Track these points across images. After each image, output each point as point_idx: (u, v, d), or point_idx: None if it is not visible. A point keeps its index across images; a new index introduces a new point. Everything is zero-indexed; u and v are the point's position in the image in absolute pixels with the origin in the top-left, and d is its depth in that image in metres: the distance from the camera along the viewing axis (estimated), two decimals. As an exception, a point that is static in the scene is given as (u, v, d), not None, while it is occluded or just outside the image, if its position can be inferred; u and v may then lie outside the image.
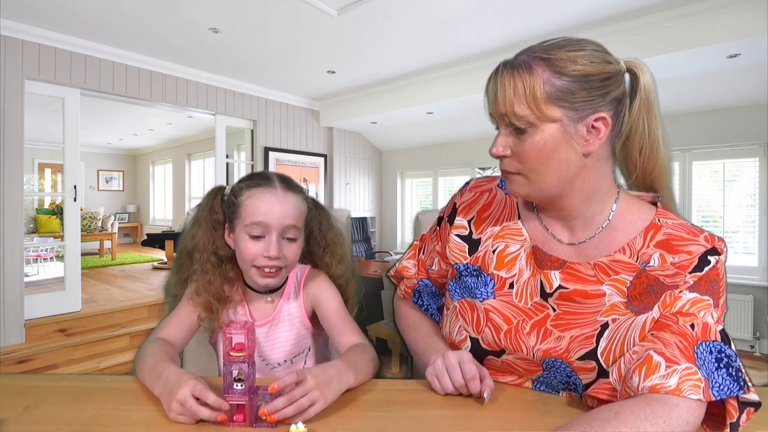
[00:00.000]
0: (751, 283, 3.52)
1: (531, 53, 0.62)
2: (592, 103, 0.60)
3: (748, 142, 3.56)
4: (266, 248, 0.81)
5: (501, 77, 0.62)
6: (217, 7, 2.81)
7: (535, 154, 0.62)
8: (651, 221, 0.66)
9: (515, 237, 0.74)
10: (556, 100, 0.59)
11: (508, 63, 0.63)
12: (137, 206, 9.30)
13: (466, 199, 0.82)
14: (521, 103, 0.60)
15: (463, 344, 0.74)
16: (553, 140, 0.61)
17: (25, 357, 2.95)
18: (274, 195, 0.83)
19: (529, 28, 3.11)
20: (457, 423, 0.61)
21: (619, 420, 0.51)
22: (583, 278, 0.66)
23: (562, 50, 0.60)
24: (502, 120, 0.64)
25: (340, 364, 0.70)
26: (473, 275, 0.75)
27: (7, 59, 3.01)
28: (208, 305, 0.86)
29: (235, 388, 0.61)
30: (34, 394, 0.68)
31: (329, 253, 0.96)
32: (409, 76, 4.25)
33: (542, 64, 0.60)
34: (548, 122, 0.60)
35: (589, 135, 0.61)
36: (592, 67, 0.60)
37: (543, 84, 0.59)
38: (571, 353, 0.65)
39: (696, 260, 0.60)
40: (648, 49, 2.89)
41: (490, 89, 0.65)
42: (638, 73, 0.64)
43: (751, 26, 2.55)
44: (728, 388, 0.53)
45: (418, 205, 6.13)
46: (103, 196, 8.88)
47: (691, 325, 0.57)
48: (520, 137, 0.62)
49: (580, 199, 0.66)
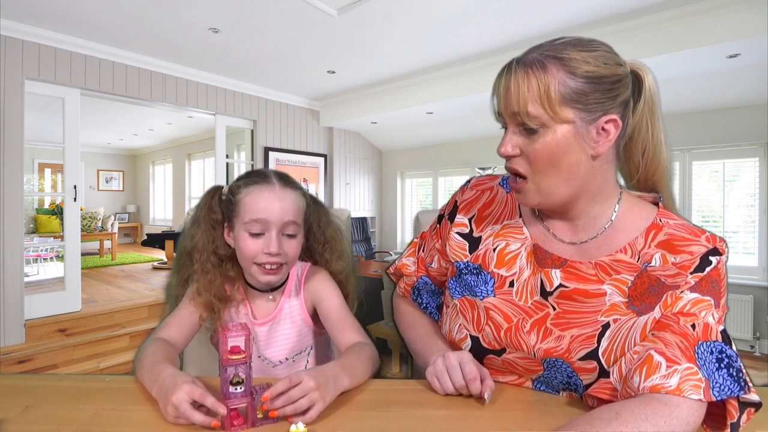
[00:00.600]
0: (751, 283, 3.52)
1: (543, 51, 0.61)
2: (604, 105, 0.60)
3: (748, 142, 3.56)
4: (266, 245, 0.81)
5: (514, 75, 0.61)
6: (217, 7, 2.81)
7: (546, 154, 0.61)
8: (653, 221, 0.66)
9: (516, 235, 0.74)
10: (570, 101, 0.59)
11: (520, 61, 0.61)
12: (137, 206, 9.30)
13: (467, 197, 0.82)
14: (535, 102, 0.59)
15: (464, 343, 0.74)
16: (565, 141, 0.60)
17: (25, 357, 2.95)
18: (272, 191, 0.83)
19: (529, 28, 3.11)
20: (457, 423, 0.61)
21: (620, 420, 0.51)
22: (584, 277, 0.66)
23: (575, 50, 0.60)
24: (513, 119, 0.63)
25: (335, 367, 0.70)
26: (473, 273, 0.75)
27: (7, 59, 3.01)
28: (209, 305, 0.86)
29: (234, 392, 0.60)
30: (34, 394, 0.68)
31: (328, 249, 0.96)
32: (409, 76, 4.25)
33: (556, 64, 0.59)
34: (561, 123, 0.60)
35: (598, 137, 0.61)
36: (605, 69, 0.60)
37: (557, 84, 0.58)
38: (572, 353, 0.64)
39: (697, 260, 0.60)
40: (648, 49, 2.89)
41: (501, 87, 0.63)
42: (642, 75, 0.64)
43: (751, 26, 2.55)
44: (729, 389, 0.53)
45: (418, 205, 6.13)
46: (103, 196, 8.88)
47: (692, 326, 0.57)
48: (531, 137, 0.61)
49: (585, 201, 0.66)
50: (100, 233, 7.05)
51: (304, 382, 0.61)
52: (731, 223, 3.69)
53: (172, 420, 0.59)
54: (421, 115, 4.81)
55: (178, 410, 0.58)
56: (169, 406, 0.59)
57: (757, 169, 3.56)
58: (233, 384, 0.60)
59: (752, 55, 2.84)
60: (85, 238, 5.77)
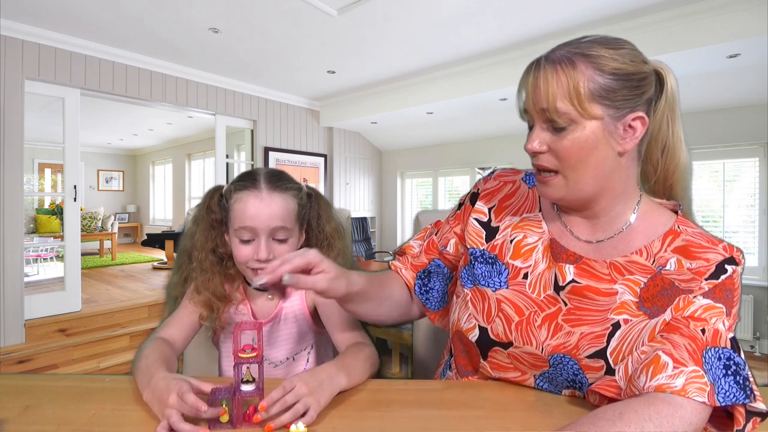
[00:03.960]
0: (751, 283, 3.53)
1: (571, 49, 0.61)
2: (631, 102, 0.61)
3: (748, 142, 3.56)
4: (255, 251, 0.81)
5: (543, 71, 0.61)
6: (217, 7, 2.81)
7: (576, 151, 0.61)
8: (671, 227, 0.66)
9: (534, 228, 0.74)
10: (598, 97, 0.59)
11: (549, 58, 0.62)
12: (137, 206, 9.30)
13: (489, 186, 0.82)
14: (564, 98, 0.60)
15: (471, 333, 0.73)
16: (594, 137, 0.61)
17: (25, 357, 2.95)
18: (258, 198, 0.82)
19: (529, 28, 3.11)
20: (457, 423, 0.61)
21: (624, 420, 0.51)
22: (596, 275, 0.66)
23: (602, 48, 0.60)
24: (541, 115, 0.63)
25: (331, 367, 0.70)
26: (488, 263, 0.75)
27: (7, 59, 3.01)
28: (208, 303, 0.86)
29: (244, 390, 0.60)
30: (34, 394, 0.68)
31: (327, 247, 0.95)
32: (409, 76, 4.25)
33: (584, 61, 0.60)
34: (590, 119, 0.60)
35: (625, 133, 0.62)
36: (633, 66, 0.60)
37: (587, 81, 0.59)
38: (581, 350, 0.64)
39: (713, 267, 0.61)
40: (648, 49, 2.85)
41: (529, 83, 0.63)
42: (664, 74, 0.65)
43: (751, 26, 2.55)
44: (734, 396, 0.53)
45: (418, 205, 6.13)
46: (103, 196, 8.88)
47: (702, 330, 0.57)
48: (559, 134, 0.62)
49: (608, 198, 0.67)
50: (100, 233, 7.05)
51: (297, 387, 0.61)
52: (731, 223, 3.69)
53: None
54: (421, 115, 4.81)
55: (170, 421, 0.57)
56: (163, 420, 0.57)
57: (757, 169, 3.56)
58: (245, 382, 0.61)
59: (752, 55, 2.84)
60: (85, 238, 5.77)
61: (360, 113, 4.93)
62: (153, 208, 9.06)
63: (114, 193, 9.14)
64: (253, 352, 0.61)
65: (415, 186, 6.18)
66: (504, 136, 5.04)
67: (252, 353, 0.61)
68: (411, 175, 6.18)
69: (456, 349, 0.79)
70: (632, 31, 2.94)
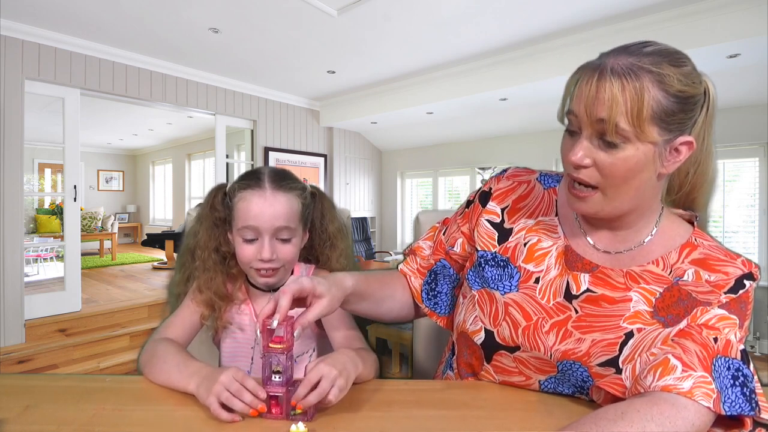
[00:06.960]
0: (751, 283, 3.52)
1: (635, 60, 0.56)
2: (683, 125, 0.58)
3: (748, 142, 3.56)
4: (259, 251, 0.81)
5: (608, 82, 0.56)
6: (217, 7, 2.81)
7: (623, 171, 0.58)
8: (688, 239, 0.66)
9: (550, 233, 0.73)
10: (658, 120, 0.56)
11: (614, 69, 0.56)
12: (137, 206, 9.30)
13: (502, 186, 0.80)
14: (624, 116, 0.55)
15: (477, 335, 0.72)
16: (644, 160, 0.58)
17: (25, 357, 2.95)
18: (263, 197, 0.82)
19: (529, 28, 3.11)
20: (457, 423, 0.61)
21: (626, 420, 0.51)
22: (612, 284, 0.66)
23: (667, 64, 0.56)
24: (594, 126, 0.58)
25: (348, 351, 0.70)
26: (500, 266, 0.74)
27: (7, 59, 3.01)
28: (210, 303, 0.86)
29: (273, 380, 0.62)
30: (34, 394, 0.68)
31: (330, 247, 0.95)
32: (409, 76, 4.25)
33: (651, 79, 0.55)
34: (644, 142, 0.57)
35: (670, 156, 0.59)
36: (693, 89, 0.57)
37: (652, 101, 0.55)
38: (592, 358, 0.63)
39: (732, 282, 0.61)
40: (648, 49, 2.88)
41: (589, 89, 0.57)
42: (711, 91, 0.61)
43: (751, 26, 2.55)
44: (740, 406, 0.53)
45: (418, 205, 6.13)
46: (103, 196, 8.88)
47: (714, 339, 0.57)
48: (609, 150, 0.58)
49: (637, 215, 0.66)
50: (100, 233, 7.05)
51: (326, 373, 0.61)
52: (731, 223, 3.69)
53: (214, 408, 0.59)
54: (421, 115, 4.81)
55: (230, 389, 0.59)
56: (217, 385, 0.60)
57: (757, 169, 3.56)
58: (273, 373, 0.62)
59: (752, 55, 2.84)
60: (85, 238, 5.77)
61: (360, 113, 4.93)
62: (153, 208, 9.06)
63: (114, 193, 9.14)
64: (282, 343, 0.62)
65: (415, 186, 6.18)
66: (504, 136, 5.04)
67: (281, 345, 0.62)
68: (411, 175, 6.18)
69: (459, 349, 0.78)
70: (632, 31, 2.94)
